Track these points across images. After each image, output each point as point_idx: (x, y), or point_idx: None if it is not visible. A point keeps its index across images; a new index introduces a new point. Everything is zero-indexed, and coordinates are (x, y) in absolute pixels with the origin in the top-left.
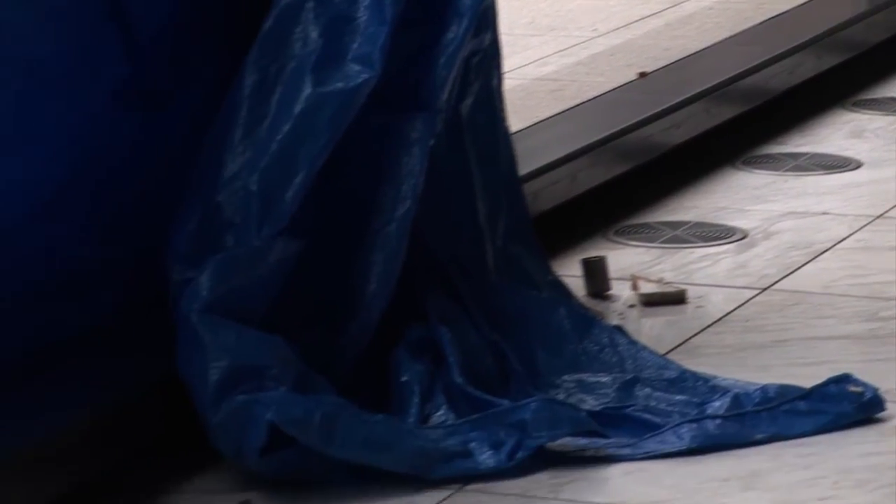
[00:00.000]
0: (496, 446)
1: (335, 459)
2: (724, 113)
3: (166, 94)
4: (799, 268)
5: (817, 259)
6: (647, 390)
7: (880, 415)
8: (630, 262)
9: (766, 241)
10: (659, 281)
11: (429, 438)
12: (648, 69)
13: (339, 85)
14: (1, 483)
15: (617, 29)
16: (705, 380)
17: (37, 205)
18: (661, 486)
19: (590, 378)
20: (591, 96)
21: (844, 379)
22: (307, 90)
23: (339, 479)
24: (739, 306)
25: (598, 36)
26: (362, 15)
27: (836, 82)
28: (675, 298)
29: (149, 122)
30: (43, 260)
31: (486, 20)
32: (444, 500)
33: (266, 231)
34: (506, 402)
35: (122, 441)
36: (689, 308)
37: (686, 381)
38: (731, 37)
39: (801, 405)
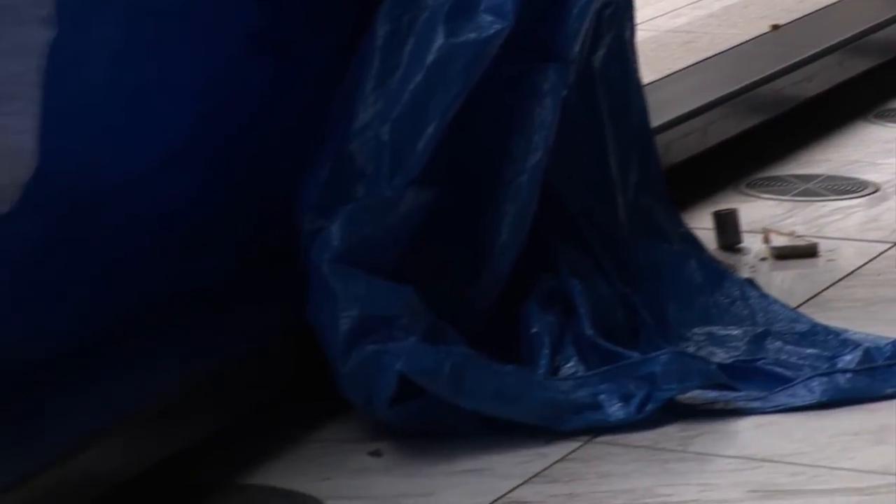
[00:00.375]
0: (626, 399)
1: (464, 410)
2: (858, 66)
3: (297, 43)
4: None
5: None
6: (778, 343)
7: None
8: (761, 215)
9: None
10: (790, 234)
11: (558, 390)
12: (781, 21)
13: (472, 35)
14: (136, 430)
15: None
16: (836, 333)
17: (169, 155)
18: (790, 439)
19: (720, 331)
20: (724, 48)
21: None
22: (439, 41)
23: (467, 430)
24: (871, 260)
25: None
26: None
27: None
28: (807, 252)
29: (279, 73)
30: (175, 210)
31: None
32: (574, 451)
33: (397, 181)
34: (636, 355)
35: (252, 389)
36: (820, 261)
37: (817, 335)
38: None
39: None
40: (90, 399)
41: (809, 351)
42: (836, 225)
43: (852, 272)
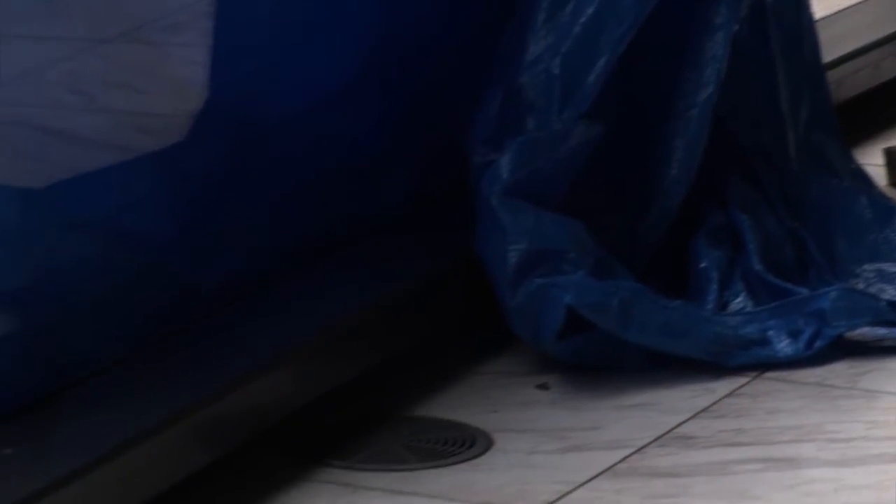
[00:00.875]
0: (794, 335)
1: (631, 345)
2: None
3: None
4: None
5: None
6: None
7: None
8: None
9: None
10: None
11: (727, 325)
12: None
13: None
14: (306, 360)
15: None
16: None
17: (341, 86)
18: None
19: (890, 268)
20: None
21: None
22: None
23: (634, 364)
24: None
25: None
26: None
27: None
28: None
29: (450, 5)
30: (348, 140)
31: None
32: (742, 387)
33: (567, 114)
34: (804, 291)
35: (421, 321)
36: None
37: None
38: None
39: None
40: (263, 328)
41: None
42: None
43: None
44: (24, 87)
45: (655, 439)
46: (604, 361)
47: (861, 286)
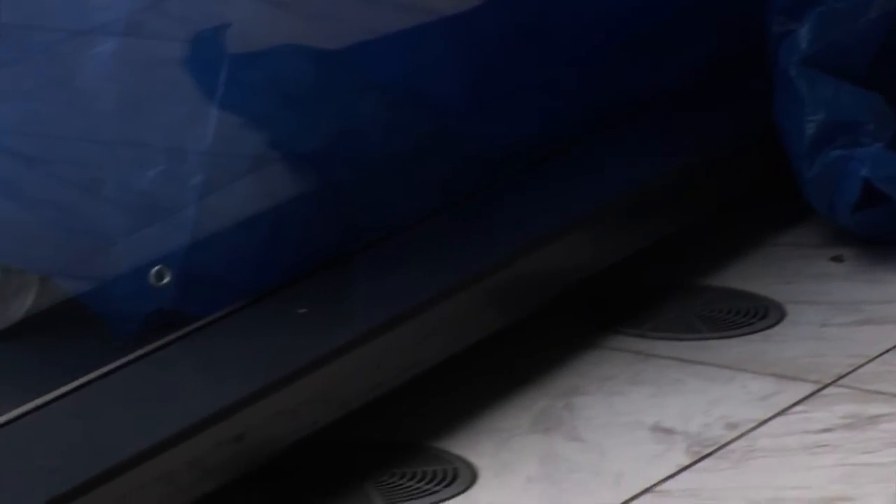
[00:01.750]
0: None
1: None
2: None
3: None
4: None
5: None
6: None
7: None
8: None
9: None
10: None
11: None
12: None
13: None
14: (605, 224)
15: None
16: None
17: None
18: None
19: None
20: None
21: None
22: None
23: None
24: None
25: None
26: None
27: None
28: None
29: None
30: (636, 9)
31: None
32: None
33: None
34: None
35: (717, 190)
36: None
37: None
38: None
39: None
40: (560, 192)
41: None
42: None
43: None
44: None
45: None
46: None
47: None
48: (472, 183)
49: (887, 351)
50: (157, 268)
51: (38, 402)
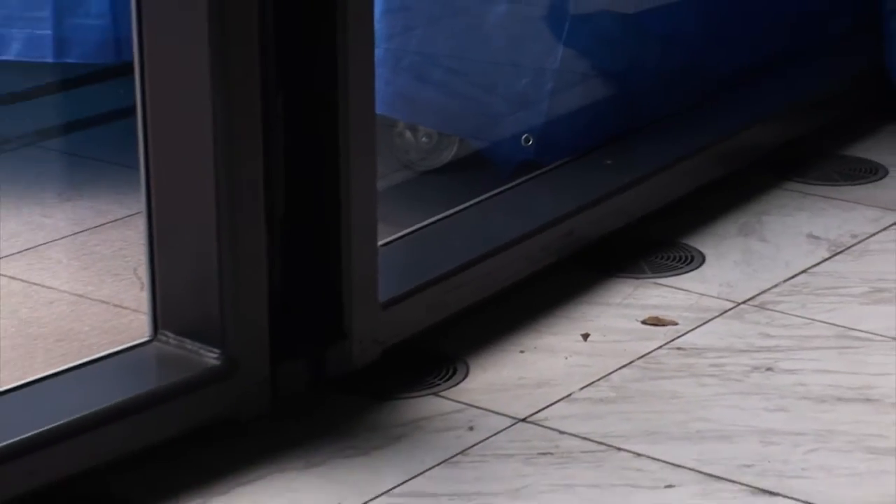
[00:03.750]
0: None
1: None
2: None
3: None
4: None
5: None
6: None
7: None
8: None
9: None
10: None
11: None
12: None
13: None
14: (782, 120)
15: None
16: None
17: None
18: None
19: None
20: None
21: None
22: None
23: None
24: None
25: None
26: None
27: None
28: None
29: None
30: None
31: None
32: None
33: None
34: None
35: (850, 102)
36: None
37: None
38: None
39: None
40: (752, 100)
41: None
42: None
43: None
44: None
45: None
46: None
47: None
48: (706, 91)
49: None
50: (525, 135)
51: (457, 209)
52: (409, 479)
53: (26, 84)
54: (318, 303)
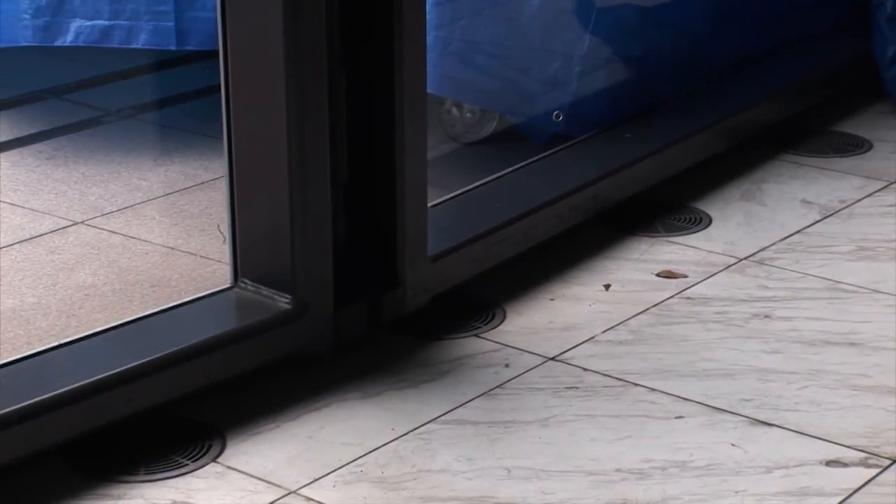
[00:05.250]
0: None
1: None
2: None
3: None
4: None
5: None
6: None
7: None
8: None
9: None
10: None
11: None
12: None
13: None
14: (785, 97)
15: None
16: None
17: None
18: None
19: None
20: None
21: None
22: None
23: None
24: None
25: None
26: None
27: None
28: None
29: None
30: None
31: None
32: None
33: None
34: None
35: (843, 81)
36: None
37: None
38: None
39: None
40: (757, 81)
41: None
42: None
43: None
44: None
45: None
46: None
47: None
48: (713, 74)
49: None
50: (556, 111)
51: (496, 175)
52: (453, 409)
53: (125, 65)
54: (375, 255)
